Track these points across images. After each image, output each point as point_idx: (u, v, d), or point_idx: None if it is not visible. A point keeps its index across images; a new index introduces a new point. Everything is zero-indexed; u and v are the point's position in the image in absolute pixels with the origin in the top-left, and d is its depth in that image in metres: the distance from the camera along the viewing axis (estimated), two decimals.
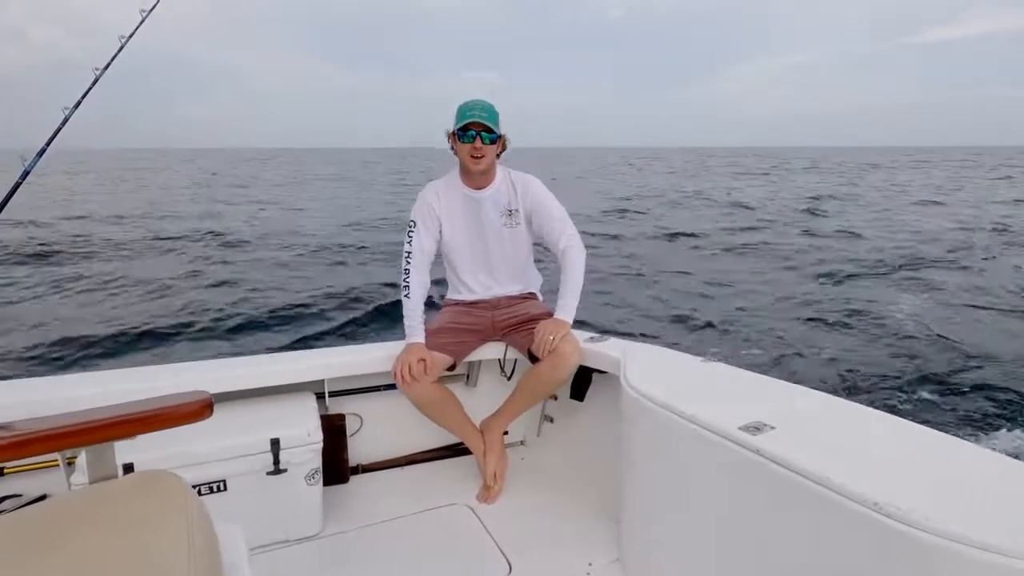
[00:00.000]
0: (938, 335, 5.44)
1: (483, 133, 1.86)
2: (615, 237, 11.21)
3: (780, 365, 4.88)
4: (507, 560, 1.61)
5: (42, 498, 1.66)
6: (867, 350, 5.19)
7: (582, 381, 2.13)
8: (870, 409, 1.22)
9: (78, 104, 1.84)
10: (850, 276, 7.98)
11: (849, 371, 4.72)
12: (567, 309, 1.90)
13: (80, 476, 1.42)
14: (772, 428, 1.11)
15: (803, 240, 11.01)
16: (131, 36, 1.96)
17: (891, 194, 20.90)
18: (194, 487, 1.60)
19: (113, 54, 1.93)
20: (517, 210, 2.01)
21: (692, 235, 11.55)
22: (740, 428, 1.12)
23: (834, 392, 1.34)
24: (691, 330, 5.81)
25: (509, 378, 2.23)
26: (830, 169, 40.26)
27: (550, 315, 1.96)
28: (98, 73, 1.89)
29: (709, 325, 5.86)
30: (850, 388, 4.49)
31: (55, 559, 0.72)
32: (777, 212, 15.34)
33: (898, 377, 4.56)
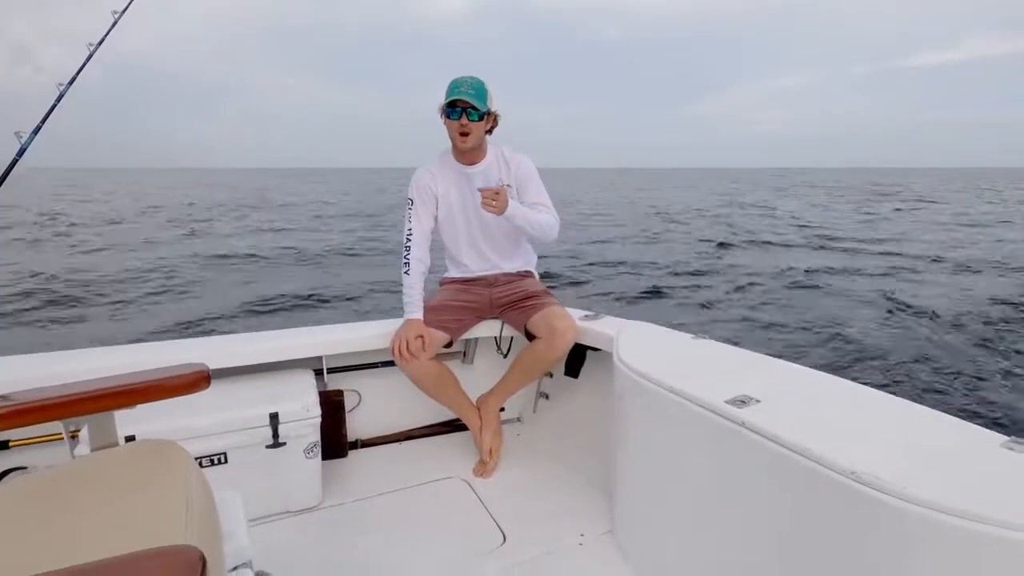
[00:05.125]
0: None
1: (469, 110, 1.86)
2: None
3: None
4: (501, 531, 1.65)
5: None
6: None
7: (577, 358, 2.15)
8: (855, 384, 1.24)
9: (72, 80, 1.83)
10: None
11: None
12: (516, 206, 1.89)
13: (84, 448, 1.45)
14: (758, 401, 1.13)
15: None
16: (126, 9, 1.94)
17: None
18: (196, 459, 1.63)
19: (107, 29, 1.91)
20: (509, 185, 2.02)
21: None
22: (726, 402, 1.14)
23: (827, 368, 1.36)
24: None
25: (505, 355, 2.25)
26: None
27: (546, 292, 1.97)
28: (92, 48, 1.88)
29: None
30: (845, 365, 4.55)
31: (57, 521, 0.74)
32: None
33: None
